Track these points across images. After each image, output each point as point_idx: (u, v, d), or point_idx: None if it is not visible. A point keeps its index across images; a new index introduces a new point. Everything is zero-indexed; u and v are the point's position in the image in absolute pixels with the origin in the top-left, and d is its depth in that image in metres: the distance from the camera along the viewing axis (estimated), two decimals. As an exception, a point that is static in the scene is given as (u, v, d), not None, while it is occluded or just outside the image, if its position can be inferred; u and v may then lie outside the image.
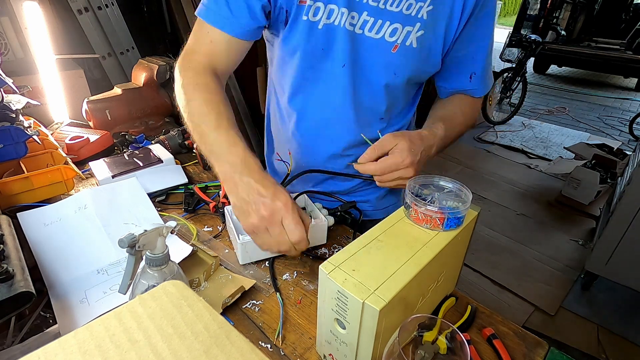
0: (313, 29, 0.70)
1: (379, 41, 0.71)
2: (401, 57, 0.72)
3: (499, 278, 2.11)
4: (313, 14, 0.69)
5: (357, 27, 0.70)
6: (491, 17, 0.74)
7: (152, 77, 1.26)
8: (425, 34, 0.70)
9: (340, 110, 0.79)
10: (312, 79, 0.77)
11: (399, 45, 0.70)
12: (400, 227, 0.56)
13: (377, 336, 0.45)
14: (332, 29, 0.70)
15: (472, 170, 3.35)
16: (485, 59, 0.78)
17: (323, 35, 0.70)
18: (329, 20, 0.69)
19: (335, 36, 0.71)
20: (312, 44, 0.72)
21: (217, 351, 0.33)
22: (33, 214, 0.74)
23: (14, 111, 0.88)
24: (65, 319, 0.58)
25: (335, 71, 0.74)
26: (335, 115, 0.80)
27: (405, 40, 0.70)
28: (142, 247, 0.48)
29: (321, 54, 0.73)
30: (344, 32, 0.69)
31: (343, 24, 0.69)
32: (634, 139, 4.05)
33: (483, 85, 0.82)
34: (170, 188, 0.95)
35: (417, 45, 0.70)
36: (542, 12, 5.71)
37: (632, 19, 6.14)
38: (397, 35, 0.70)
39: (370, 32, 0.70)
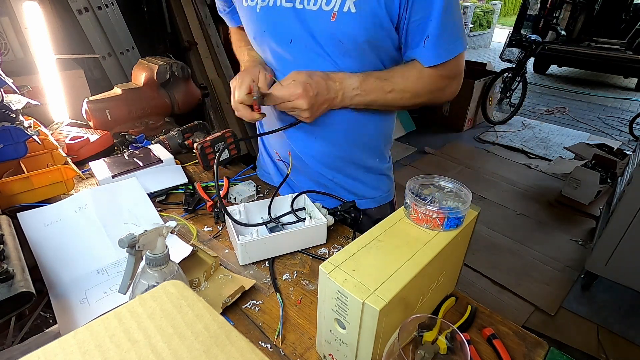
0: (253, 13, 0.76)
1: (318, 12, 0.71)
2: (341, 24, 0.70)
3: (499, 278, 2.11)
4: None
5: (297, 3, 0.72)
6: None
7: (152, 77, 1.26)
8: None
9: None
10: (268, 61, 0.82)
11: (337, 12, 0.70)
12: (400, 227, 0.56)
13: (377, 336, 0.45)
14: (271, 10, 0.74)
15: (472, 170, 3.35)
16: (440, 21, 0.70)
17: (262, 17, 0.75)
18: (264, 2, 0.74)
19: (275, 15, 0.74)
20: (254, 28, 0.78)
21: (217, 351, 0.33)
22: (33, 214, 0.74)
23: (14, 111, 0.88)
24: (65, 319, 0.58)
25: (285, 49, 0.77)
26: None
27: (342, 7, 0.69)
28: (142, 247, 0.49)
29: (265, 36, 0.77)
30: (285, 9, 0.72)
31: (279, 1, 0.72)
32: (634, 139, 4.05)
33: (438, 50, 0.74)
34: (170, 188, 0.95)
35: (355, 10, 0.69)
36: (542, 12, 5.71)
37: (632, 19, 6.14)
38: (332, 3, 0.69)
39: (308, 5, 0.71)
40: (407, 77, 0.78)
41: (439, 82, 0.79)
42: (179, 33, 2.46)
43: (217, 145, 1.04)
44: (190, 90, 1.39)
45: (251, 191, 0.94)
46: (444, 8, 0.69)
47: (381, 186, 0.98)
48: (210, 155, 1.04)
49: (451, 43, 0.74)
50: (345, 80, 0.75)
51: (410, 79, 0.78)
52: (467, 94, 3.96)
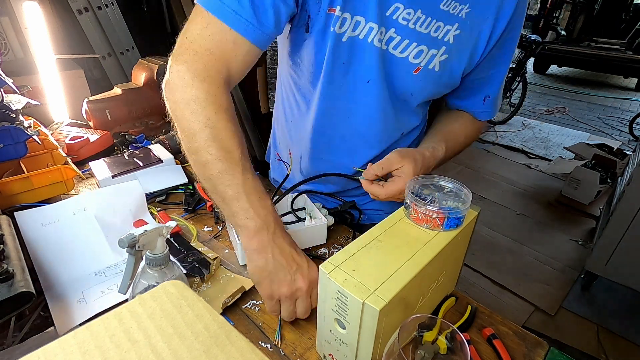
0: (339, 41, 0.66)
1: (403, 61, 0.68)
2: (422, 79, 0.70)
3: (499, 278, 2.11)
4: (340, 25, 0.64)
5: (383, 43, 0.67)
6: (516, 41, 0.72)
7: (152, 77, 1.26)
8: (448, 58, 0.68)
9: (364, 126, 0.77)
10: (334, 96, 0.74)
11: (422, 67, 0.68)
12: (400, 227, 0.56)
13: (377, 336, 0.45)
14: (358, 42, 0.66)
15: (472, 170, 3.35)
16: (501, 83, 0.77)
17: (347, 48, 0.67)
18: (354, 32, 0.65)
19: (360, 50, 0.67)
20: (334, 56, 0.68)
21: (217, 351, 0.33)
22: (30, 214, 0.73)
23: (14, 111, 0.88)
24: (63, 319, 0.58)
25: (358, 87, 0.71)
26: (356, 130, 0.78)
27: (428, 64, 0.68)
28: (142, 247, 0.48)
29: (342, 68, 0.69)
30: (372, 47, 0.66)
31: (371, 39, 0.65)
32: (634, 139, 4.05)
33: (493, 107, 0.81)
34: (170, 188, 0.95)
35: (439, 69, 0.68)
36: (542, 12, 5.72)
37: (632, 19, 6.15)
38: (421, 58, 0.67)
39: (395, 50, 0.67)
40: (467, 134, 0.83)
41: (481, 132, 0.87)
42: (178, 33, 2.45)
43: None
44: (190, 90, 1.39)
45: (251, 191, 0.94)
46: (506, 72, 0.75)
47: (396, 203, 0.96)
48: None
49: (500, 100, 0.82)
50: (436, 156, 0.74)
51: (468, 134, 0.83)
52: (467, 94, 3.96)
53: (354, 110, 0.75)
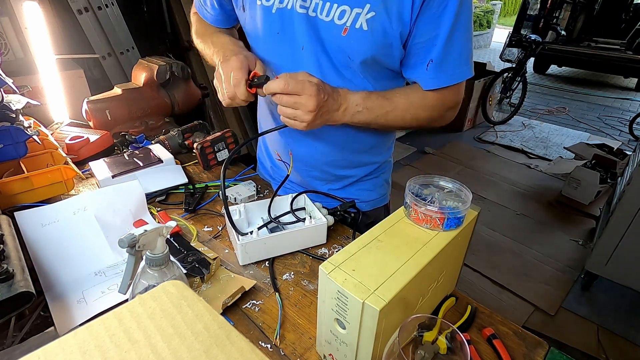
0: (268, 14, 0.73)
1: (330, 24, 0.69)
2: (352, 40, 0.69)
3: (499, 278, 2.11)
4: None
5: (310, 10, 0.70)
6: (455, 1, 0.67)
7: (152, 77, 1.26)
8: (376, 16, 0.66)
9: None
10: (276, 64, 0.79)
11: (349, 28, 0.68)
12: (400, 227, 0.56)
13: (377, 336, 0.45)
14: (286, 13, 0.72)
15: (472, 170, 3.35)
16: (444, 46, 0.69)
17: (278, 19, 0.73)
18: (282, 4, 0.71)
19: (290, 19, 0.72)
20: (267, 28, 0.75)
21: (217, 351, 0.33)
22: (30, 214, 0.73)
23: (14, 111, 0.88)
24: (63, 319, 0.58)
25: (295, 54, 0.75)
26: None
27: (354, 23, 0.68)
28: (142, 247, 0.48)
29: (278, 38, 0.75)
30: (298, 15, 0.71)
31: (294, 6, 0.70)
32: (634, 139, 4.05)
33: (440, 74, 0.72)
34: (170, 188, 0.95)
35: (367, 27, 0.67)
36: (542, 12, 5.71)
37: (632, 19, 6.14)
38: (345, 18, 0.68)
39: (321, 15, 0.70)
40: (409, 99, 0.76)
41: (439, 108, 0.78)
42: (179, 33, 2.45)
43: (216, 146, 1.04)
44: (190, 90, 1.39)
45: (251, 191, 0.94)
46: (449, 32, 0.68)
47: (377, 189, 0.98)
48: (210, 155, 1.04)
49: (456, 69, 0.73)
50: (349, 95, 0.72)
51: (413, 101, 0.76)
52: (467, 94, 3.96)
53: None
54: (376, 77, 0.77)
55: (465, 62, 0.73)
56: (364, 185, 0.95)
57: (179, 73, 1.31)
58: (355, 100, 0.72)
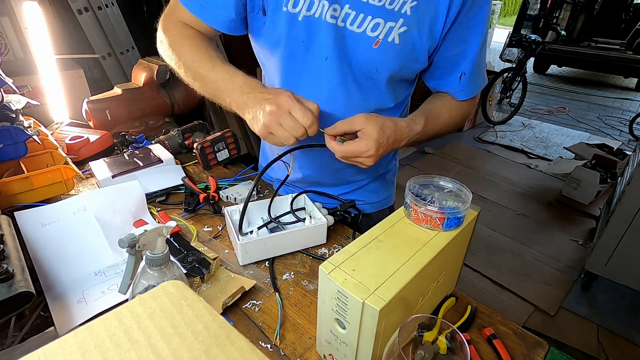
0: (293, 21, 0.70)
1: (361, 35, 0.69)
2: (382, 53, 0.70)
3: (499, 278, 2.11)
4: (292, 5, 0.68)
5: (339, 20, 0.69)
6: (483, 15, 0.71)
7: (152, 77, 1.26)
8: (408, 30, 0.68)
9: (329, 105, 0.77)
10: (297, 72, 0.76)
11: (381, 40, 0.69)
12: (400, 227, 0.56)
13: (377, 336, 0.45)
14: (313, 21, 0.69)
15: (472, 170, 3.35)
16: (475, 59, 0.75)
17: (303, 27, 0.70)
18: (309, 12, 0.68)
19: (316, 28, 0.70)
20: (292, 36, 0.71)
21: (217, 351, 0.33)
22: (30, 214, 0.73)
23: (14, 111, 0.88)
24: (63, 319, 0.58)
25: (318, 64, 0.73)
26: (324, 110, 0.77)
27: (387, 36, 0.68)
28: (142, 247, 0.48)
29: (302, 46, 0.72)
30: (326, 24, 0.69)
31: (324, 16, 0.68)
32: (634, 139, 4.05)
33: (471, 86, 0.78)
34: (170, 188, 0.95)
35: (399, 41, 0.68)
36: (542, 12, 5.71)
37: (632, 19, 6.14)
38: (378, 30, 0.68)
39: (352, 26, 0.69)
40: (451, 113, 0.80)
41: (470, 112, 0.84)
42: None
43: (216, 146, 1.04)
44: (190, 90, 1.39)
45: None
46: (480, 47, 0.73)
47: (383, 192, 0.98)
48: (210, 155, 1.04)
49: (480, 79, 0.79)
50: (412, 129, 0.72)
51: (453, 114, 0.80)
52: (467, 94, 3.96)
53: (317, 88, 0.76)
54: (395, 89, 0.79)
55: (485, 71, 0.80)
56: (370, 188, 0.95)
57: (179, 73, 1.31)
58: (417, 129, 0.73)
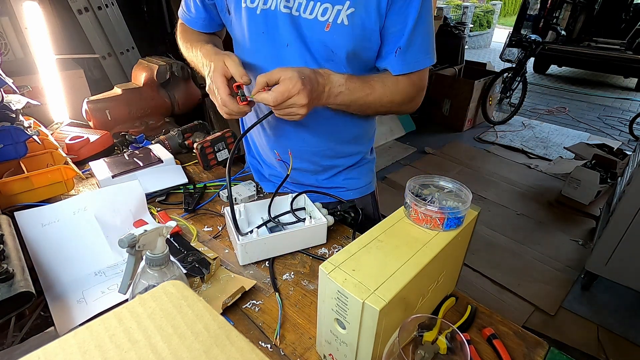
0: (253, 15, 0.77)
1: (313, 21, 0.74)
2: (334, 35, 0.74)
3: (499, 278, 2.11)
4: (250, 0, 0.76)
5: (293, 10, 0.74)
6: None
7: (152, 77, 1.26)
8: (355, 12, 0.72)
9: None
10: (263, 62, 0.82)
11: (331, 23, 0.73)
12: (400, 227, 0.56)
13: (377, 336, 0.45)
14: (270, 13, 0.75)
15: (472, 170, 3.35)
16: (410, 33, 0.75)
17: (262, 19, 0.76)
18: (265, 5, 0.75)
19: (274, 19, 0.76)
20: (253, 29, 0.78)
21: (217, 351, 0.33)
22: (30, 214, 0.74)
23: (14, 111, 0.88)
24: (63, 319, 0.58)
25: (281, 52, 0.78)
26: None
27: (336, 19, 0.72)
28: (142, 247, 0.48)
29: (264, 37, 0.78)
30: (282, 14, 0.75)
31: (279, 7, 0.74)
32: (634, 139, 4.05)
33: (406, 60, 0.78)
34: (170, 188, 0.95)
35: (348, 22, 0.72)
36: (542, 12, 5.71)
37: (632, 19, 6.14)
38: (328, 14, 0.73)
39: (305, 13, 0.74)
40: (385, 83, 0.81)
41: (410, 92, 0.84)
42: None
43: (216, 146, 1.04)
44: (190, 90, 1.39)
45: (251, 191, 0.94)
46: (415, 22, 0.75)
47: (363, 177, 1.00)
48: (210, 155, 1.04)
49: (420, 55, 0.80)
50: (331, 75, 0.75)
51: (388, 85, 0.81)
52: (467, 94, 3.96)
53: None
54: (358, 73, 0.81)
55: (427, 50, 0.80)
56: (350, 174, 0.98)
57: (179, 73, 1.31)
58: (338, 80, 0.75)
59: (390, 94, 0.82)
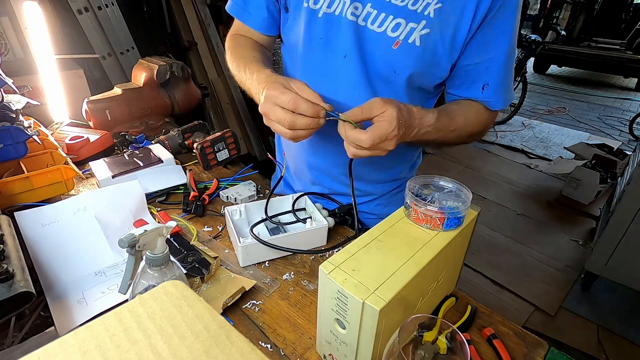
0: (313, 17, 0.70)
1: (381, 35, 0.67)
2: (402, 54, 0.68)
3: (499, 278, 2.11)
4: (314, 1, 0.69)
5: (360, 19, 0.67)
6: (510, 23, 0.67)
7: (152, 77, 1.26)
8: (430, 33, 0.66)
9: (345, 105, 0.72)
10: (314, 70, 0.75)
11: (401, 41, 0.67)
12: (400, 227, 0.56)
13: (377, 336, 0.45)
14: (333, 19, 0.68)
15: (472, 170, 3.35)
16: (501, 69, 0.71)
17: (322, 24, 0.70)
18: (330, 9, 0.68)
19: (336, 26, 0.69)
20: (310, 32, 0.71)
21: (217, 351, 0.33)
22: (30, 214, 0.73)
23: (14, 111, 0.87)
24: (63, 319, 0.58)
25: (336, 62, 0.72)
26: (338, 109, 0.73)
27: (407, 37, 0.66)
28: (142, 247, 0.48)
29: (320, 43, 0.72)
30: (346, 22, 0.68)
31: (345, 13, 0.67)
32: (634, 139, 4.05)
33: (497, 98, 0.74)
34: (170, 188, 0.95)
35: (420, 44, 0.66)
36: (542, 12, 5.72)
37: (632, 19, 6.14)
38: (399, 31, 0.66)
39: (372, 25, 0.67)
40: (467, 117, 0.75)
41: (488, 123, 0.79)
42: (179, 33, 2.45)
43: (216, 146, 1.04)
44: (190, 90, 1.39)
45: (251, 191, 0.94)
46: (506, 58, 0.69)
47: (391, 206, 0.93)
48: (210, 155, 1.04)
49: (507, 93, 0.74)
50: (424, 117, 0.66)
51: (470, 118, 0.75)
52: (467, 94, 3.96)
53: (335, 86, 0.74)
54: (413, 97, 0.76)
55: (512, 85, 0.75)
56: (382, 201, 0.92)
57: (179, 73, 1.31)
58: (429, 121, 0.67)
59: (472, 127, 0.76)
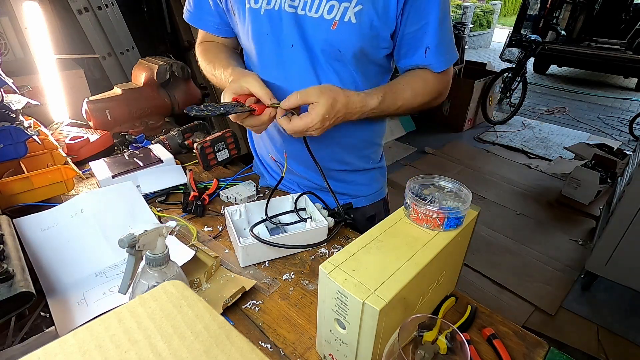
0: (257, 16, 0.76)
1: (319, 19, 0.72)
2: (341, 33, 0.72)
3: (499, 278, 2.11)
4: (254, 1, 0.75)
5: (299, 9, 0.73)
6: None
7: (152, 77, 1.26)
8: (363, 9, 0.70)
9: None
10: (269, 64, 0.80)
11: (338, 21, 0.71)
12: (400, 227, 0.56)
13: (377, 336, 0.45)
14: (274, 14, 0.74)
15: (472, 170, 3.35)
16: (437, 32, 0.75)
17: (266, 20, 0.75)
18: (269, 5, 0.74)
19: (278, 20, 0.74)
20: (257, 30, 0.77)
21: (217, 351, 0.33)
22: (30, 220, 0.74)
23: (14, 111, 0.88)
24: (63, 320, 0.58)
25: (286, 53, 0.77)
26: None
27: (343, 17, 0.71)
28: (142, 247, 0.49)
29: (268, 38, 0.77)
30: (286, 14, 0.73)
31: (283, 7, 0.73)
32: (634, 139, 4.05)
33: (440, 59, 0.78)
34: (170, 188, 0.95)
35: (356, 20, 0.71)
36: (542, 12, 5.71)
37: (632, 19, 6.13)
38: (334, 12, 0.71)
39: (310, 12, 0.72)
40: (414, 89, 0.79)
41: (437, 90, 0.83)
42: (179, 33, 2.45)
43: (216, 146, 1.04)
44: (190, 90, 1.39)
45: (251, 191, 0.94)
46: (440, 20, 0.73)
47: (373, 184, 0.99)
48: (210, 155, 1.04)
49: (449, 53, 0.79)
50: (367, 103, 0.73)
51: (417, 90, 0.80)
52: (467, 94, 3.96)
53: (289, 76, 0.79)
54: (365, 72, 0.80)
55: (454, 46, 0.80)
56: (360, 180, 0.97)
57: (179, 73, 1.31)
58: (372, 104, 0.74)
59: (421, 97, 0.81)
